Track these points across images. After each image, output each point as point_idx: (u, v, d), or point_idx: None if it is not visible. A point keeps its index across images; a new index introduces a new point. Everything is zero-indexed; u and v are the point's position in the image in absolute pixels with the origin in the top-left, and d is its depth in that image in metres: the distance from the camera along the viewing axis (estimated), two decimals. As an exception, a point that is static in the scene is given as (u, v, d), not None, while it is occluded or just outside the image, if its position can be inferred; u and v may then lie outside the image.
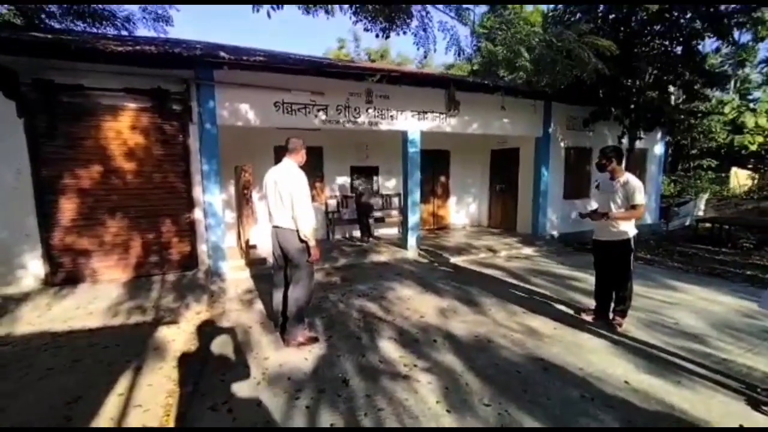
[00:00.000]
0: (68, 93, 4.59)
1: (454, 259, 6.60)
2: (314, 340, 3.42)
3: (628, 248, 3.60)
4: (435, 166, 9.35)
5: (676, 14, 6.25)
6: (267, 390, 2.68)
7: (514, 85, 7.79)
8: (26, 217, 4.59)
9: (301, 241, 3.17)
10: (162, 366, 3.05)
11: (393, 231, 8.77)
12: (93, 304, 4.35)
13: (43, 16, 7.93)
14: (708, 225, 9.29)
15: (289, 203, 3.10)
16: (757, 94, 18.37)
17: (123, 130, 4.91)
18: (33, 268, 4.66)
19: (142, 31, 8.50)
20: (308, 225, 3.13)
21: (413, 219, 7.02)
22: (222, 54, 4.65)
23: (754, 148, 16.51)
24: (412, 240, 7.00)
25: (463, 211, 10.12)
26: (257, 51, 5.08)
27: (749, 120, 16.08)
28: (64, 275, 4.79)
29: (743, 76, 18.26)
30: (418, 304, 4.40)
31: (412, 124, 6.70)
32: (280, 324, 3.47)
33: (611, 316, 3.80)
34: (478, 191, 10.17)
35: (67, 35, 5.50)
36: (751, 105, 17.21)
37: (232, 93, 5.34)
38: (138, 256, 5.14)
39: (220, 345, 3.42)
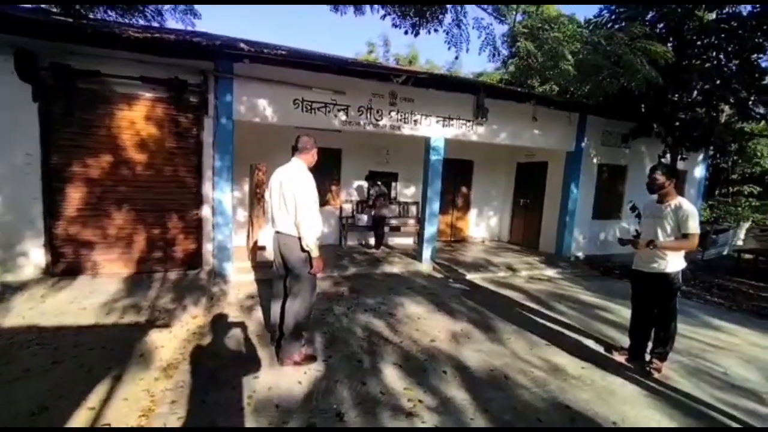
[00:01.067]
0: (85, 79, 4.47)
1: (470, 276, 6.19)
2: (312, 359, 3.11)
3: (675, 283, 3.14)
4: (457, 175, 8.95)
5: (735, 24, 5.69)
6: (250, 418, 2.38)
7: (549, 95, 7.34)
8: (32, 204, 4.48)
9: (303, 250, 2.86)
10: (143, 377, 2.80)
11: (408, 241, 8.41)
12: (88, 299, 4.18)
13: (77, 6, 8.03)
14: (749, 256, 8.53)
15: (293, 208, 2.81)
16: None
17: (137, 119, 4.77)
18: (34, 257, 4.54)
19: (171, 23, 8.51)
20: (312, 233, 2.82)
21: (430, 230, 6.64)
22: (242, 45, 4.44)
23: (803, 176, 15.36)
24: (427, 252, 6.63)
25: (483, 224, 9.67)
26: (279, 46, 4.86)
27: (799, 146, 14.94)
28: (64, 266, 4.66)
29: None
30: (429, 326, 4.03)
31: (436, 131, 6.36)
32: (276, 339, 3.18)
33: (648, 358, 3.33)
34: (501, 205, 9.70)
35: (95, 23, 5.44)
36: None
37: (251, 87, 5.13)
38: (141, 251, 4.98)
39: (210, 357, 3.14)
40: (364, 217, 7.83)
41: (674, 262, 3.12)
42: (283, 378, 2.85)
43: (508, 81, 11.60)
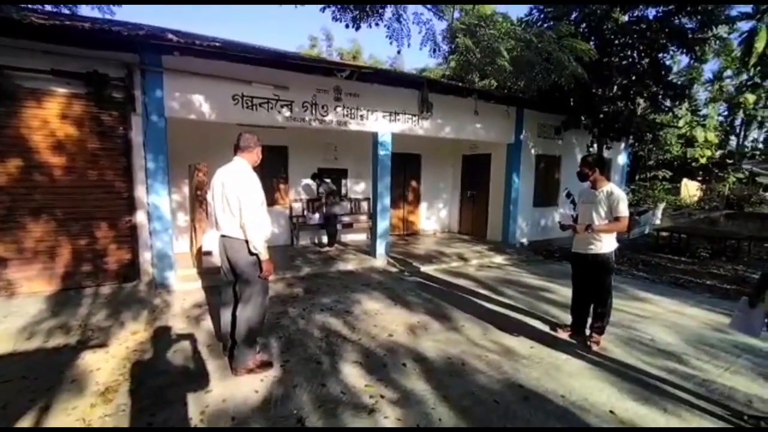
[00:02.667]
0: (-21, 72, 3.88)
1: (424, 268, 6.32)
2: (268, 365, 2.99)
3: (609, 262, 3.42)
4: (406, 170, 9.08)
5: (644, 26, 6.33)
6: (204, 435, 2.23)
7: (488, 90, 7.66)
8: None
9: (251, 253, 2.73)
10: (77, 405, 2.51)
11: (361, 237, 8.40)
12: (2, 323, 3.67)
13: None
14: (666, 234, 9.60)
15: (237, 210, 2.66)
16: (705, 110, 19.64)
17: (51, 118, 4.24)
18: (-72, 280, 3.90)
19: (87, 11, 7.67)
20: (259, 235, 2.69)
21: (383, 225, 6.68)
22: (170, 36, 4.10)
23: (703, 161, 17.58)
24: (381, 247, 6.66)
25: (433, 216, 9.91)
26: (214, 38, 4.56)
27: (699, 134, 17.08)
28: (-31, 288, 4.05)
29: (693, 94, 19.46)
30: (387, 320, 4.05)
31: (383, 126, 6.37)
32: (229, 348, 3.01)
33: (588, 332, 3.62)
34: (449, 197, 10.00)
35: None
36: (702, 120, 18.32)
37: (184, 82, 4.78)
38: (66, 266, 4.46)
39: (155, 375, 2.90)
40: (316, 216, 7.67)
41: (608, 244, 3.40)
42: (239, 388, 2.71)
43: (450, 77, 11.95)
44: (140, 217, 4.76)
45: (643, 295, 5.12)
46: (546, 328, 3.91)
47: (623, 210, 3.27)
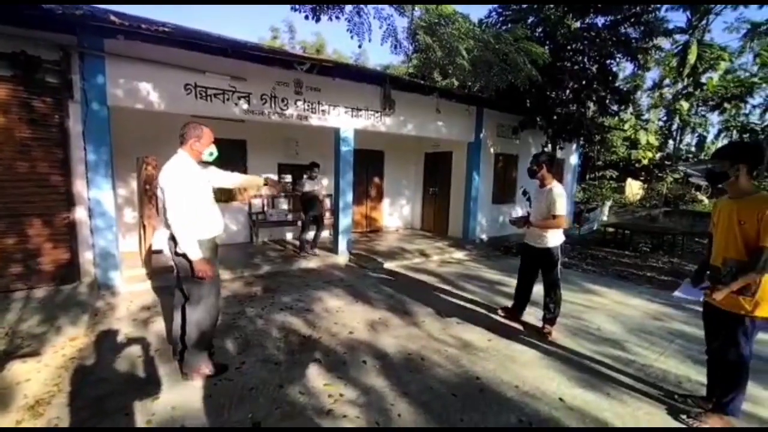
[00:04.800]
0: None
1: (386, 265, 6.33)
2: (221, 369, 2.85)
3: (555, 256, 3.61)
4: (369, 166, 9.05)
5: (594, 33, 6.69)
6: (149, 446, 2.09)
7: (450, 88, 7.79)
8: None
9: (177, 254, 2.56)
10: (0, 422, 2.27)
11: (323, 233, 8.27)
12: None
13: None
14: (612, 230, 10.27)
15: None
16: (647, 115, 21.21)
17: (-30, 103, 3.79)
18: None
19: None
20: (184, 235, 2.48)
21: (345, 221, 6.62)
22: (112, 18, 3.78)
23: (645, 162, 18.99)
24: (343, 244, 6.60)
25: (396, 213, 9.97)
26: (165, 23, 4.27)
27: (642, 137, 18.42)
28: None
29: (637, 99, 20.96)
30: (348, 318, 4.01)
31: (345, 121, 6.30)
32: (179, 351, 2.85)
33: (541, 324, 3.79)
34: (412, 194, 10.10)
35: None
36: (644, 125, 19.76)
37: (130, 69, 4.45)
38: (-8, 267, 4.03)
39: (96, 384, 2.69)
40: (278, 212, 7.45)
41: (554, 238, 3.59)
42: (190, 394, 2.56)
43: (413, 75, 12.04)
44: (80, 213, 4.39)
45: (591, 287, 5.44)
46: (505, 322, 4.04)
47: (559, 209, 3.45)
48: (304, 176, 6.43)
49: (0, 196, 3.99)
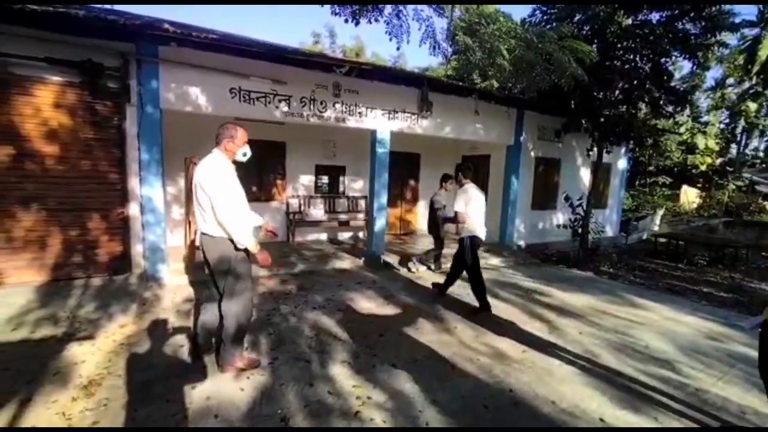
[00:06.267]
0: (-29, 58, 3.82)
1: (420, 268, 6.26)
2: (256, 363, 2.94)
3: (464, 248, 4.29)
4: (404, 169, 9.03)
5: (647, 31, 6.27)
6: (186, 433, 2.19)
7: (489, 90, 7.61)
8: None
9: (237, 249, 2.66)
10: (58, 399, 2.47)
11: (358, 235, 8.36)
12: (-11, 313, 3.62)
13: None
14: (664, 240, 9.57)
15: (209, 207, 2.55)
16: (707, 118, 19.60)
17: (43, 106, 4.17)
18: None
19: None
20: (241, 231, 2.58)
21: (379, 223, 6.63)
22: (167, 27, 4.04)
23: (703, 168, 17.54)
24: (377, 246, 6.61)
25: (431, 216, 9.85)
26: (213, 30, 4.50)
27: (700, 141, 17.05)
28: (-44, 276, 4.00)
29: (695, 100, 19.43)
30: (379, 320, 4.01)
31: (382, 124, 6.32)
32: (216, 345, 2.97)
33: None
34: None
35: None
36: (703, 128, 18.29)
37: (181, 74, 4.72)
38: (57, 256, 4.41)
39: (141, 369, 2.86)
40: (315, 212, 7.61)
41: (462, 232, 4.36)
42: (224, 386, 2.66)
43: (452, 77, 11.89)
44: (133, 209, 4.71)
45: (638, 301, 5.08)
46: (540, 333, 3.86)
47: (455, 207, 4.28)
48: (440, 189, 6.03)
49: (66, 192, 4.37)
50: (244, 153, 2.81)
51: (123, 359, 3.01)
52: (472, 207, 4.26)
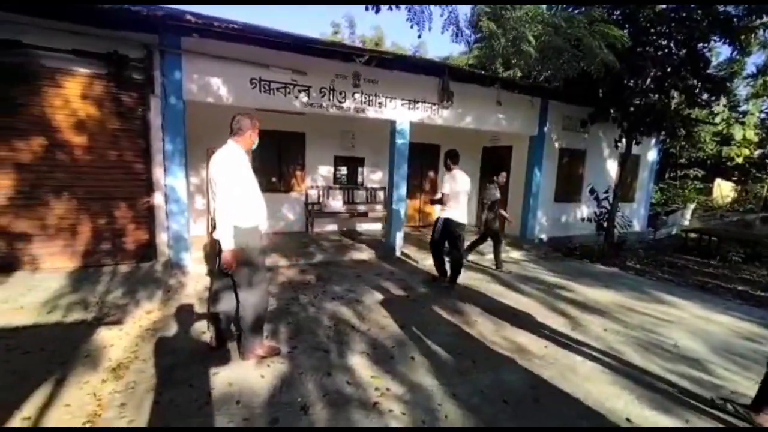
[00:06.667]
0: (3, 50, 3.94)
1: (438, 260, 6.20)
2: (276, 351, 2.98)
3: (449, 226, 4.65)
4: (423, 160, 8.92)
5: (684, 14, 5.91)
6: (208, 417, 2.23)
7: (512, 79, 7.38)
8: (-49, 193, 3.97)
9: (248, 238, 2.66)
10: (89, 380, 2.56)
11: (376, 226, 8.34)
12: (26, 296, 3.79)
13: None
14: (695, 236, 9.16)
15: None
16: (745, 107, 18.49)
17: (72, 98, 4.30)
18: (-42, 252, 4.06)
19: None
20: (224, 222, 2.56)
21: (398, 215, 6.58)
22: (189, 17, 4.06)
23: (740, 160, 16.61)
24: (395, 237, 6.58)
25: (450, 208, 9.72)
26: (233, 21, 4.50)
27: (738, 132, 16.12)
28: (-4, 261, 4.20)
29: (733, 89, 18.33)
30: (397, 312, 3.98)
31: (402, 114, 6.23)
32: (236, 334, 3.02)
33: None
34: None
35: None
36: (740, 117, 17.27)
37: (203, 64, 4.76)
38: (87, 243, 4.57)
39: (166, 354, 2.93)
40: (333, 203, 7.63)
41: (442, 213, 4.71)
42: (245, 373, 2.70)
43: (473, 66, 11.62)
44: (158, 198, 4.82)
45: (666, 298, 4.89)
46: (563, 328, 3.76)
47: (443, 188, 4.65)
48: (491, 184, 5.83)
49: (95, 181, 4.50)
50: (254, 143, 2.85)
51: (149, 344, 3.10)
52: (455, 191, 4.62)
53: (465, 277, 5.42)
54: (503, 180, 5.96)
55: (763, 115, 17.99)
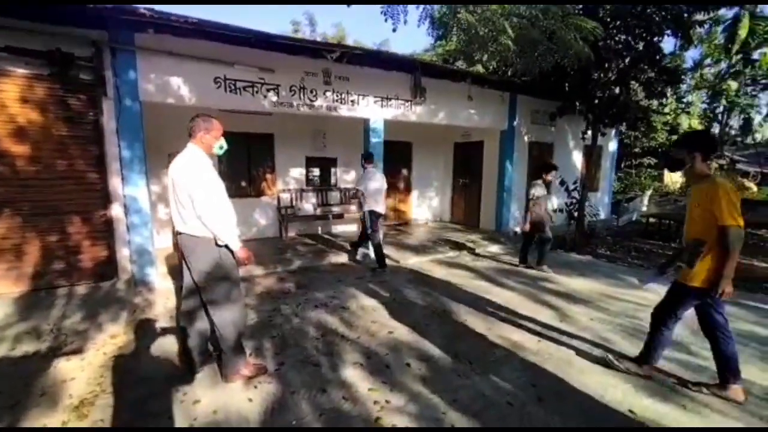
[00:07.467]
0: None
1: (419, 259, 6.14)
2: (262, 369, 2.76)
3: (363, 219, 5.36)
4: (396, 158, 8.81)
5: (640, 9, 6.15)
6: (194, 454, 2.00)
7: (483, 74, 7.43)
8: None
9: (217, 245, 2.44)
10: (47, 422, 2.25)
11: (352, 228, 8.16)
12: (-37, 329, 3.33)
13: None
14: (654, 220, 9.65)
15: (189, 205, 2.34)
16: (689, 98, 19.83)
17: (8, 101, 3.81)
18: None
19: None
20: (223, 227, 2.39)
21: (375, 215, 6.43)
22: (142, 11, 3.71)
23: (686, 147, 17.77)
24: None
25: (425, 205, 9.72)
26: (193, 18, 4.16)
27: (684, 121, 17.26)
28: (-77, 291, 3.67)
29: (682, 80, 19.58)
30: (386, 316, 3.85)
31: (375, 111, 6.09)
32: (216, 355, 2.77)
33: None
34: (441, 185, 9.81)
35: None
36: (686, 108, 18.50)
37: (161, 63, 4.39)
38: (35, 264, 4.10)
39: (137, 384, 2.64)
40: (307, 206, 7.36)
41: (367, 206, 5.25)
42: (231, 397, 2.47)
43: (444, 60, 11.65)
44: (116, 210, 4.41)
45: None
46: (551, 321, 3.77)
47: (359, 185, 5.31)
48: (537, 180, 5.61)
49: (41, 195, 4.04)
50: (220, 146, 2.61)
51: (116, 374, 2.78)
52: (372, 187, 5.19)
53: (446, 273, 5.38)
54: (551, 178, 5.59)
55: (704, 105, 19.36)
